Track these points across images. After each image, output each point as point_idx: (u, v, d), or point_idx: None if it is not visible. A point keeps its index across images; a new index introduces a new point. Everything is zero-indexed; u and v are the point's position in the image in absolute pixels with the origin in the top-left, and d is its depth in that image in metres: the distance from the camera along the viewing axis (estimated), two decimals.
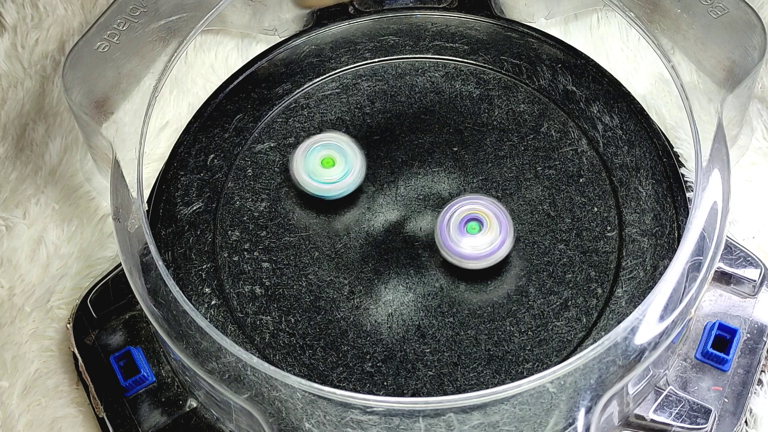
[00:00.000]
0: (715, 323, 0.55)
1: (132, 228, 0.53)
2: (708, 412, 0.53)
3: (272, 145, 0.61)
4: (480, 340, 0.55)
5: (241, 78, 0.64)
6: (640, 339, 0.50)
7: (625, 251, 0.57)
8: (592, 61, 0.64)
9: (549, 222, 0.58)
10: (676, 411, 0.53)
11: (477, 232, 0.56)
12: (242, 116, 0.62)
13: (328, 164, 0.58)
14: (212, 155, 0.61)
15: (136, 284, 0.52)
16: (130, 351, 0.56)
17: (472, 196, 0.57)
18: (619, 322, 0.51)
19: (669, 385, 0.54)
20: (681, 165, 0.60)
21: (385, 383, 0.54)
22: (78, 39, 0.59)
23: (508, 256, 0.56)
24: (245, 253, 0.58)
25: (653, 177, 0.59)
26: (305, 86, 0.63)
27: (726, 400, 0.54)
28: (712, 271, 0.51)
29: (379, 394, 0.53)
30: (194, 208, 0.59)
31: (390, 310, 0.56)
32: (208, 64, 0.67)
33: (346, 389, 0.53)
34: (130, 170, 0.55)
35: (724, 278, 0.57)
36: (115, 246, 0.56)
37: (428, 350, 0.55)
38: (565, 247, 0.57)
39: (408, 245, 0.58)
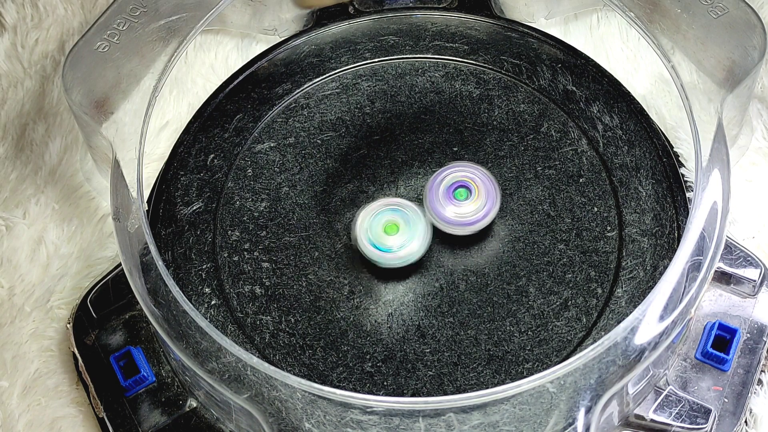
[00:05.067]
0: (715, 323, 0.55)
1: (132, 228, 0.53)
2: (708, 412, 0.53)
3: (272, 145, 0.61)
4: (480, 340, 0.55)
5: (241, 78, 0.64)
6: (640, 339, 0.50)
7: (625, 251, 0.57)
8: (592, 61, 0.64)
9: (549, 222, 0.58)
10: (676, 411, 0.53)
11: (464, 198, 0.56)
12: (242, 116, 0.62)
13: (392, 230, 0.56)
14: (212, 155, 0.61)
15: (136, 284, 0.52)
16: (130, 351, 0.56)
17: (462, 164, 0.57)
18: (619, 322, 0.51)
19: (669, 385, 0.54)
20: (681, 165, 0.60)
21: (385, 383, 0.54)
22: (78, 39, 0.59)
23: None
24: (245, 253, 0.58)
25: (653, 177, 0.59)
26: (305, 86, 0.63)
27: (726, 400, 0.54)
28: (712, 271, 0.51)
29: (379, 394, 0.53)
30: (194, 208, 0.59)
31: (390, 310, 0.56)
32: (208, 64, 0.67)
33: (346, 389, 0.53)
34: (130, 170, 0.55)
35: (724, 278, 0.57)
36: (115, 246, 0.56)
37: (428, 350, 0.55)
38: (565, 247, 0.57)
39: None
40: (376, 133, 0.61)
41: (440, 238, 0.57)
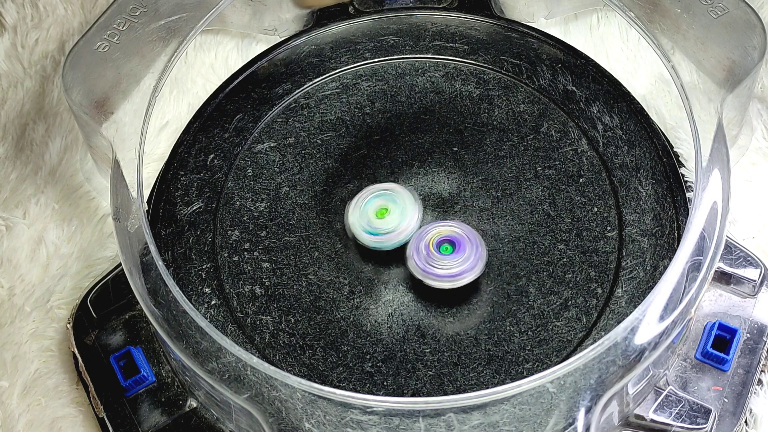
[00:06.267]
0: (715, 323, 0.55)
1: (132, 228, 0.53)
2: (708, 412, 0.53)
3: (272, 145, 0.61)
4: (480, 340, 0.55)
5: (241, 78, 0.64)
6: (640, 339, 0.50)
7: (625, 251, 0.57)
8: (592, 61, 0.64)
9: (549, 222, 0.58)
10: (676, 411, 0.53)
11: (450, 252, 0.55)
12: (242, 116, 0.62)
13: (382, 214, 0.56)
14: (212, 155, 0.61)
15: (136, 284, 0.52)
16: (130, 351, 0.56)
17: (445, 221, 0.57)
18: (619, 322, 0.51)
19: (669, 385, 0.54)
20: (681, 165, 0.60)
21: (385, 383, 0.54)
22: (78, 39, 0.59)
23: (481, 279, 0.56)
24: (245, 253, 0.58)
25: (653, 177, 0.59)
26: (305, 86, 0.63)
27: (726, 400, 0.54)
28: (712, 271, 0.51)
29: (379, 394, 0.53)
30: (194, 208, 0.59)
31: (390, 310, 0.56)
32: (208, 64, 0.67)
33: (346, 389, 0.53)
34: (130, 170, 0.55)
35: (724, 278, 0.57)
36: (115, 246, 0.56)
37: (428, 350, 0.55)
38: (565, 247, 0.57)
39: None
40: (376, 133, 0.61)
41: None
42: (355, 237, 0.56)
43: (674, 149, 0.61)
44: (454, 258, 0.55)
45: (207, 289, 0.57)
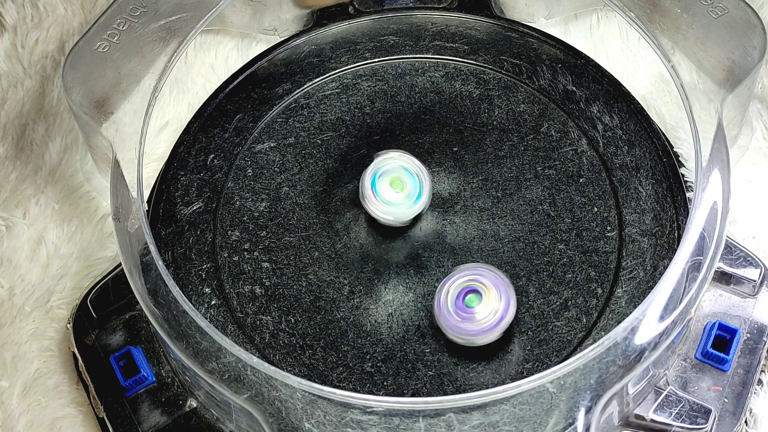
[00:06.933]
0: (715, 323, 0.55)
1: (132, 228, 0.53)
2: (708, 412, 0.53)
3: (272, 145, 0.61)
4: None
5: (241, 78, 0.64)
6: (640, 339, 0.50)
7: (625, 251, 0.57)
8: (592, 61, 0.64)
9: (549, 222, 0.58)
10: (676, 411, 0.53)
11: (477, 303, 0.53)
12: (242, 116, 0.62)
13: (397, 186, 0.56)
14: (212, 155, 0.61)
15: (136, 284, 0.52)
16: (130, 351, 0.56)
17: (468, 268, 0.54)
18: (619, 322, 0.51)
19: (669, 385, 0.54)
20: (681, 165, 0.60)
21: (385, 383, 0.54)
22: (78, 39, 0.59)
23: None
24: (245, 253, 0.58)
25: (653, 177, 0.59)
26: (305, 86, 0.63)
27: (726, 400, 0.54)
28: (712, 271, 0.51)
29: (379, 394, 0.53)
30: (194, 208, 0.59)
31: (390, 310, 0.56)
32: (208, 64, 0.67)
33: (346, 389, 0.53)
34: (130, 170, 0.55)
35: (724, 278, 0.57)
36: (115, 246, 0.56)
37: (428, 350, 0.55)
38: (565, 247, 0.57)
39: (408, 245, 0.58)
40: (376, 133, 0.61)
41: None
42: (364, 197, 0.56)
43: (674, 149, 0.61)
44: (481, 312, 0.52)
45: (207, 289, 0.57)
